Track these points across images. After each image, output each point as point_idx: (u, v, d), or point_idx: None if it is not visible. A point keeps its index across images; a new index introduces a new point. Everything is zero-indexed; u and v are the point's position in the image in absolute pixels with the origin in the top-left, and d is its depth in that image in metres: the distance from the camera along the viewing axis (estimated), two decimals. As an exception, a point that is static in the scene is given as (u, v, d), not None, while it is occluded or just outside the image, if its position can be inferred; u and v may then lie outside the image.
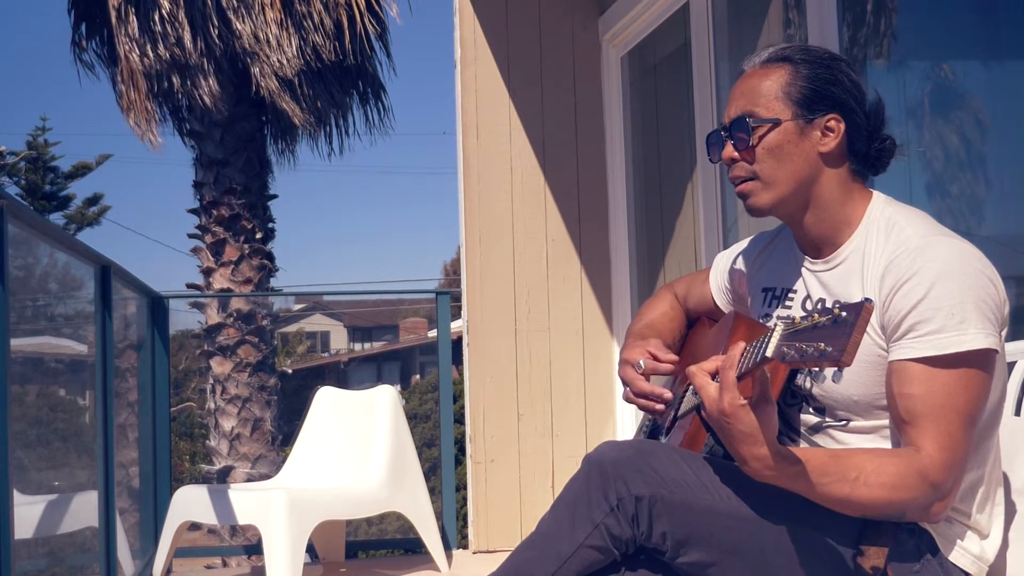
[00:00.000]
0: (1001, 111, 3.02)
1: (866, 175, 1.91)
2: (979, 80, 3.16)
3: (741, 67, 1.95)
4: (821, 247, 1.90)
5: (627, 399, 2.07)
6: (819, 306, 1.88)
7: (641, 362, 2.04)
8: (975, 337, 1.68)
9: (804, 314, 1.57)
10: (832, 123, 1.85)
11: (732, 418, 1.60)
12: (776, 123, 1.85)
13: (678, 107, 4.57)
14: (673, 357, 2.07)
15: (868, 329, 1.74)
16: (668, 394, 2.01)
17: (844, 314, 1.47)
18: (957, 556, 1.79)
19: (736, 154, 1.88)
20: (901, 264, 1.75)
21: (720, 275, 2.20)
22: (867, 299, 1.48)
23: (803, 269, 1.93)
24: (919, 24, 3.38)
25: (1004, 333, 1.75)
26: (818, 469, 1.65)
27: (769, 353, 1.53)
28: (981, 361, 1.70)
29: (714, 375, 1.65)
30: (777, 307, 1.97)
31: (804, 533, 1.75)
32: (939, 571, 1.77)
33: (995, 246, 2.91)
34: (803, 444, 1.91)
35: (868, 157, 1.89)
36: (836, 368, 1.47)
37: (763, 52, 1.92)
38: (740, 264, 2.14)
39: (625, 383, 2.07)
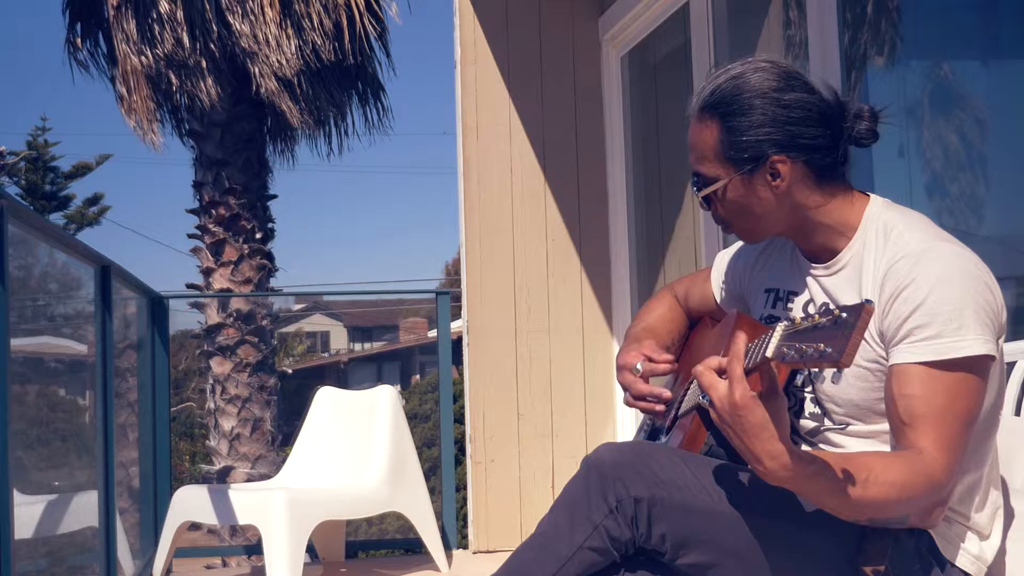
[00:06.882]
0: (1001, 111, 3.02)
1: (845, 174, 1.86)
2: (979, 80, 3.16)
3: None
4: (820, 253, 1.89)
5: (627, 404, 2.06)
6: (821, 309, 1.87)
7: (638, 365, 2.03)
8: (973, 343, 1.68)
9: (804, 315, 1.56)
10: (777, 166, 1.79)
11: (744, 410, 1.53)
12: (722, 183, 1.83)
13: (678, 107, 4.57)
14: (668, 357, 2.06)
15: (866, 335, 1.73)
16: (667, 394, 2.00)
17: (844, 315, 1.46)
18: (956, 556, 1.79)
19: (704, 205, 1.91)
20: (900, 270, 1.74)
21: (722, 274, 2.18)
22: (867, 300, 1.47)
23: (804, 273, 1.93)
24: (919, 24, 3.38)
25: (1001, 340, 1.74)
26: (832, 469, 1.60)
27: (769, 353, 1.53)
28: (978, 367, 1.69)
29: (720, 372, 1.59)
30: (780, 308, 1.96)
31: (804, 534, 1.75)
32: (939, 572, 1.77)
33: (995, 246, 2.91)
34: (804, 447, 1.90)
35: (838, 160, 1.83)
36: (836, 370, 1.45)
37: (698, 95, 1.85)
38: (742, 263, 2.13)
39: (624, 388, 2.06)
